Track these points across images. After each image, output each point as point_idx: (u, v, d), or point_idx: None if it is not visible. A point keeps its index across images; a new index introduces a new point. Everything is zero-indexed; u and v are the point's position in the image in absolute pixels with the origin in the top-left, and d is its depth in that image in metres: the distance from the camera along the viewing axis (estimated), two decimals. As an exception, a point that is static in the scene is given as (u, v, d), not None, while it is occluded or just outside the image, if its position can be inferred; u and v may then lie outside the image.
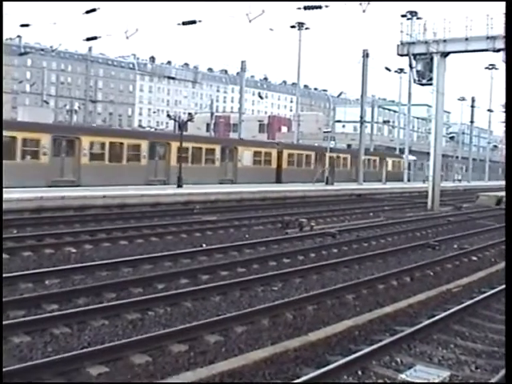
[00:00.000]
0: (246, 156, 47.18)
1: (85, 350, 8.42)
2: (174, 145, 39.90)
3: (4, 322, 9.36)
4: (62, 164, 34.53)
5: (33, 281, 12.35)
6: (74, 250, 16.28)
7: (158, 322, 10.24)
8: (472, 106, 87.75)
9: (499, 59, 36.50)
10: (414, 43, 36.76)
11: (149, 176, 38.69)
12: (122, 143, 38.00)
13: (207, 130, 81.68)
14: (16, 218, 22.39)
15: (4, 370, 7.36)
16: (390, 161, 67.86)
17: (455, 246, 20.54)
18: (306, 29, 59.82)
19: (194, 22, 35.84)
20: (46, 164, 33.33)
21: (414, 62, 37.40)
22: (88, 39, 41.38)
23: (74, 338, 9.16)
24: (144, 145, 39.01)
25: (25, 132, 32.92)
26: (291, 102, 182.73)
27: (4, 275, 12.49)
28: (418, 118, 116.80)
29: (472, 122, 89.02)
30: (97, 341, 9.06)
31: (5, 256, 14.94)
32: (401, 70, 69.89)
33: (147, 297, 11.38)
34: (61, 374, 7.57)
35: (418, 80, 38.02)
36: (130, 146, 38.37)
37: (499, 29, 32.18)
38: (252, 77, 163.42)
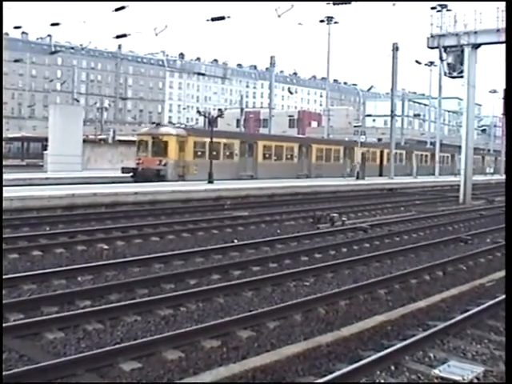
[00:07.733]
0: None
1: (118, 346, 8.45)
2: (261, 144, 46.60)
3: (38, 318, 9.45)
4: None
5: (66, 277, 12.43)
6: (105, 247, 16.34)
7: (191, 317, 10.25)
8: (504, 99, 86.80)
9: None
10: (444, 35, 36.40)
11: (239, 171, 43.79)
12: (219, 142, 41.90)
13: (237, 126, 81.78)
14: (48, 216, 22.62)
15: (38, 365, 7.44)
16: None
17: (488, 240, 20.34)
18: (335, 23, 59.52)
19: (222, 18, 35.85)
20: None
21: (444, 55, 37.04)
22: (117, 37, 41.56)
23: (107, 333, 9.21)
24: (236, 144, 44.42)
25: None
26: (321, 96, 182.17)
27: (38, 272, 12.65)
28: (448, 111, 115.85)
29: (504, 114, 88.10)
30: (129, 337, 9.09)
31: (38, 253, 15.11)
32: (431, 63, 69.44)
33: (179, 293, 11.38)
34: (94, 369, 7.61)
35: (449, 73, 37.65)
36: (227, 145, 43.55)
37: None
38: (281, 72, 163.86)
